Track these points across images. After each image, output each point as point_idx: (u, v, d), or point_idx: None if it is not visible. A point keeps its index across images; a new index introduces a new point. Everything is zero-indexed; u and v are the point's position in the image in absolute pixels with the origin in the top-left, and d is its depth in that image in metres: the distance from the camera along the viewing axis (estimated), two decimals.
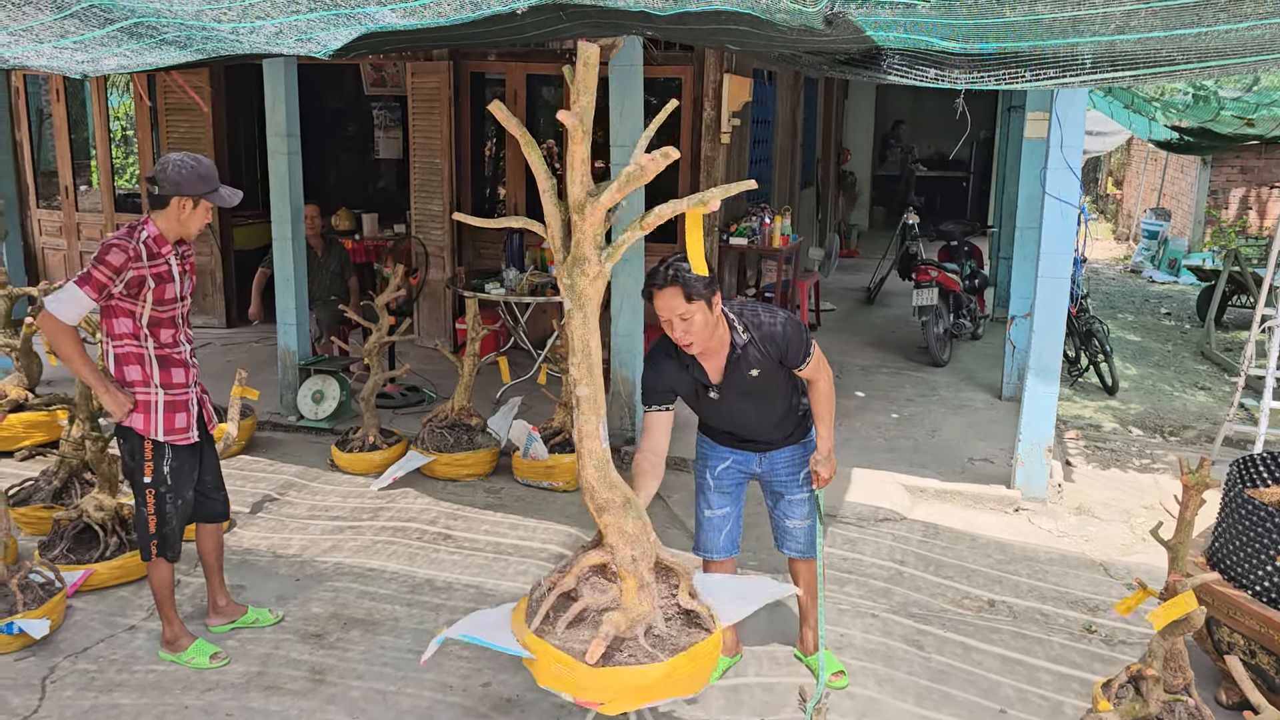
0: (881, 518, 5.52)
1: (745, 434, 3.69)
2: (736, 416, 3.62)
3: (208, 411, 3.92)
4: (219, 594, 4.15)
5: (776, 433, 3.68)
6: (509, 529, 5.24)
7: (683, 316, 3.24)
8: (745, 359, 3.43)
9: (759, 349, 3.43)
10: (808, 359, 3.48)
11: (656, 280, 3.24)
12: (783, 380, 3.55)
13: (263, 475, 5.96)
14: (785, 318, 3.46)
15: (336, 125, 12.53)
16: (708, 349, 3.41)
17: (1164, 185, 15.57)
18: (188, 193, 3.62)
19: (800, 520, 3.77)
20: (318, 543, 5.00)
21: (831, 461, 3.59)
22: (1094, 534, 5.42)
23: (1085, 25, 3.34)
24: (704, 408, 3.63)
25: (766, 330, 3.43)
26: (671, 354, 3.50)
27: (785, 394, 3.62)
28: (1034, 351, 5.59)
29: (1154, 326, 11.03)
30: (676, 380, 3.51)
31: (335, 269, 7.78)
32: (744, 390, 3.51)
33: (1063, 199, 5.39)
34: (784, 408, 3.64)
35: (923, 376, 8.32)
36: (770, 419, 3.64)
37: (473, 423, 6.02)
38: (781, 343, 3.42)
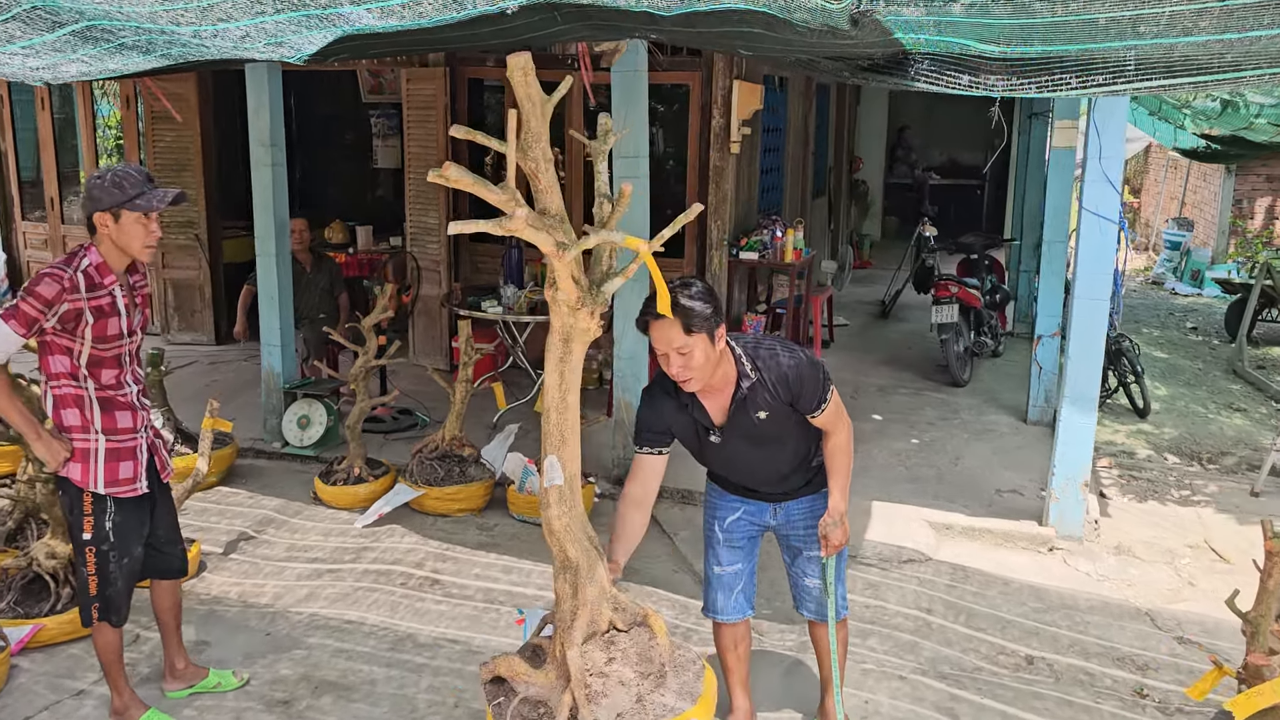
0: (905, 558, 5.10)
1: (753, 484, 3.30)
2: (741, 463, 3.23)
3: (160, 459, 3.53)
4: (176, 656, 3.76)
5: (790, 483, 3.28)
6: (501, 572, 4.84)
7: (680, 350, 2.86)
8: (752, 400, 3.03)
9: (768, 390, 3.03)
10: (823, 405, 3.08)
11: (652, 309, 2.86)
12: (795, 426, 3.14)
13: (240, 509, 5.56)
14: (801, 358, 3.06)
15: (334, 134, 12.20)
16: (709, 387, 3.02)
17: (1185, 194, 15.12)
18: (105, 206, 3.22)
19: (819, 579, 3.37)
20: (293, 590, 4.61)
21: (844, 526, 3.18)
22: (1136, 577, 5.00)
23: (1148, 26, 2.95)
24: (705, 453, 3.24)
25: (778, 370, 3.02)
26: (670, 390, 3.10)
27: (798, 441, 3.21)
28: (1069, 378, 5.17)
29: (1180, 342, 10.59)
30: (674, 420, 3.13)
31: (324, 285, 7.40)
32: (750, 435, 3.11)
33: (1101, 214, 4.98)
34: (795, 457, 3.24)
35: (943, 398, 7.90)
36: (779, 468, 3.24)
37: (465, 453, 5.63)
38: (794, 385, 3.02)
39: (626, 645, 2.83)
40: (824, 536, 3.17)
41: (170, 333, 9.23)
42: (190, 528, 5.24)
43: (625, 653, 2.80)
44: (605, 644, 2.81)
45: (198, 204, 8.97)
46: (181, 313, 9.20)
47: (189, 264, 9.08)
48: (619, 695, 2.69)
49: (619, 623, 2.87)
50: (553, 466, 2.70)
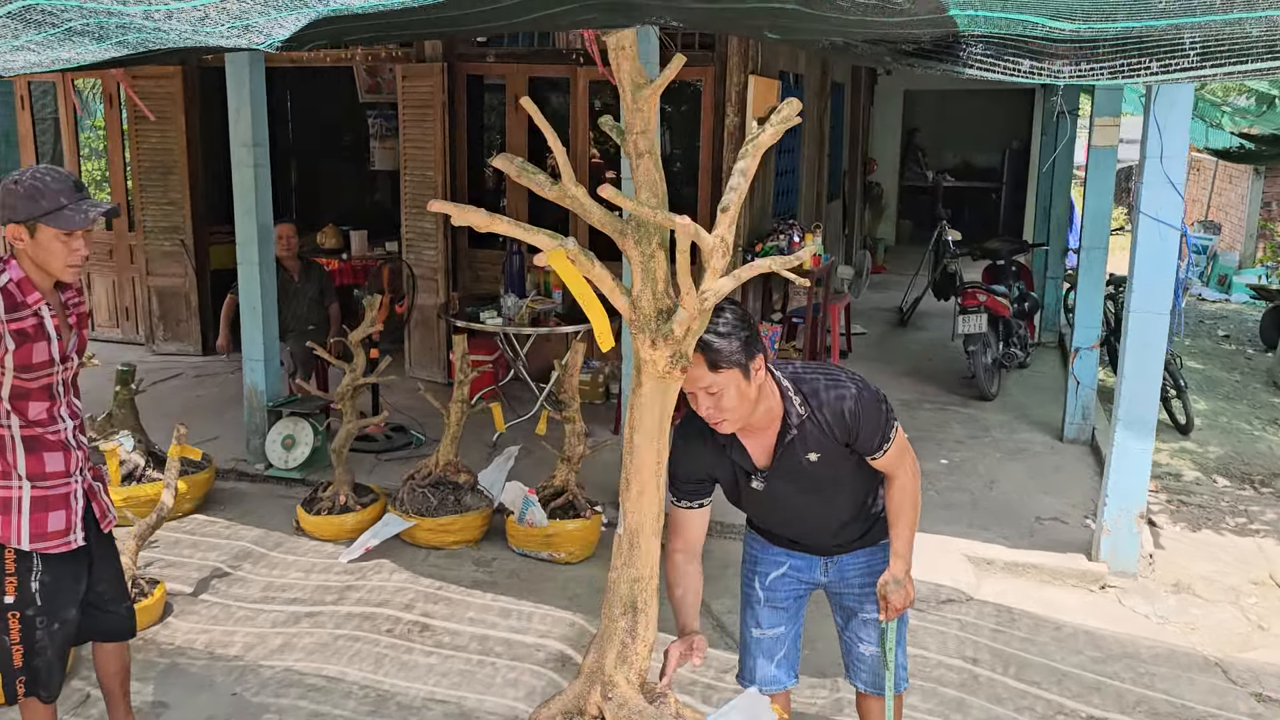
0: (944, 598, 4.63)
1: (803, 535, 2.82)
2: (788, 513, 2.74)
3: (100, 505, 3.05)
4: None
5: (845, 534, 2.79)
6: (499, 616, 4.37)
7: (709, 390, 2.37)
8: (801, 440, 2.54)
9: (820, 427, 2.53)
10: (885, 446, 2.58)
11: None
12: (853, 469, 2.65)
13: (216, 541, 5.10)
14: (858, 388, 2.56)
15: (331, 135, 11.76)
16: (750, 425, 2.53)
17: (1211, 196, 14.64)
18: (19, 218, 2.75)
19: (878, 646, 2.88)
20: (266, 639, 4.14)
21: (908, 586, 2.69)
22: (1200, 620, 4.52)
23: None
24: (746, 501, 2.75)
25: (832, 404, 2.53)
26: (705, 430, 2.60)
27: (855, 485, 2.72)
28: (1124, 400, 4.70)
29: (1214, 351, 10.11)
30: (713, 464, 2.63)
31: (313, 295, 6.95)
32: (799, 480, 2.61)
33: (1162, 220, 4.51)
34: (852, 504, 2.75)
35: (971, 413, 7.43)
36: (834, 518, 2.76)
37: (460, 480, 5.16)
38: (851, 422, 2.53)
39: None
40: (883, 598, 2.69)
41: (155, 343, 8.78)
42: (159, 563, 4.80)
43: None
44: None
45: (183, 208, 8.53)
46: (166, 322, 8.75)
47: (174, 271, 8.63)
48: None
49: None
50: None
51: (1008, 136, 15.98)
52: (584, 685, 2.21)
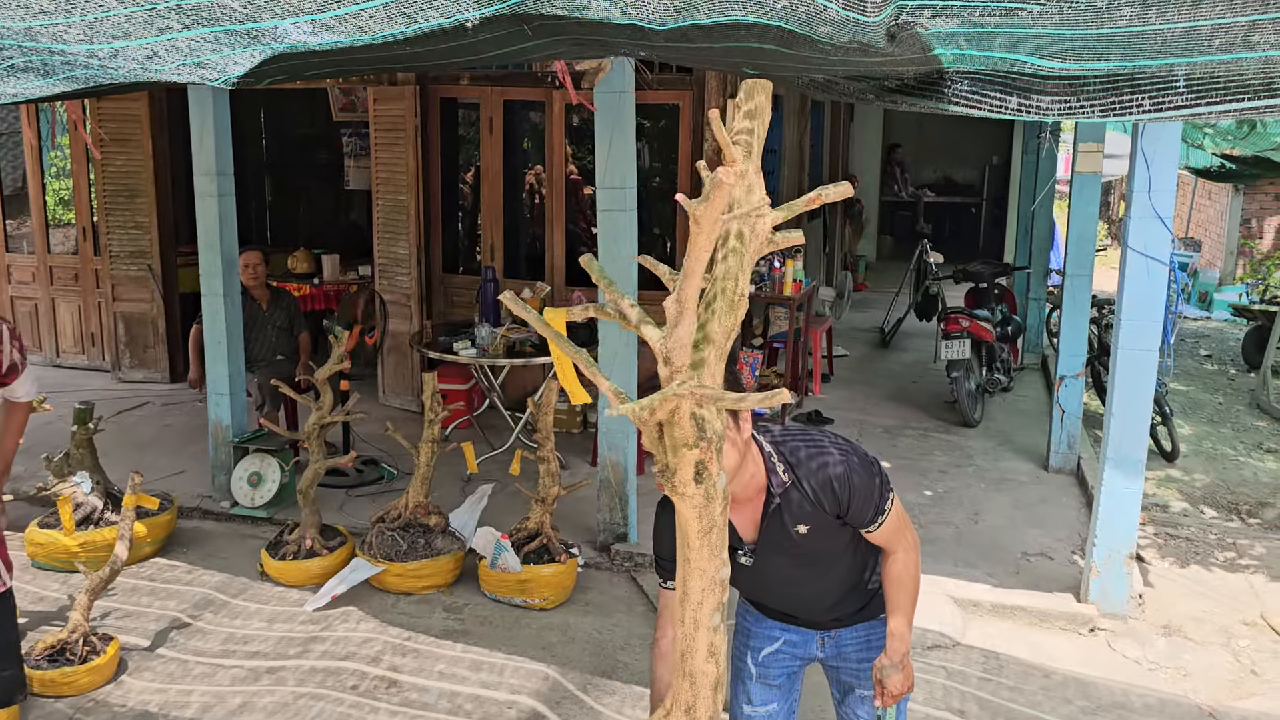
0: (930, 644, 4.50)
1: (797, 611, 2.65)
2: (780, 588, 2.57)
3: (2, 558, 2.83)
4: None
5: (841, 609, 2.62)
6: (469, 670, 4.20)
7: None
8: (788, 510, 2.36)
9: (806, 497, 2.35)
10: (880, 519, 2.40)
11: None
12: (846, 542, 2.48)
13: (176, 588, 4.91)
14: (844, 454, 2.37)
15: (305, 154, 11.56)
16: (734, 494, 2.33)
17: (1191, 213, 14.64)
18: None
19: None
20: (225, 699, 3.95)
21: (906, 670, 2.49)
22: (1191, 664, 4.40)
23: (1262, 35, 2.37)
24: (736, 575, 2.52)
25: (819, 474, 2.34)
26: None
27: (853, 558, 2.54)
28: (1112, 439, 4.58)
29: (1196, 372, 10.04)
30: None
31: (282, 324, 6.76)
32: (789, 553, 2.44)
33: (1150, 255, 4.40)
34: (849, 577, 2.57)
35: (953, 440, 7.31)
36: (829, 594, 2.58)
37: (431, 522, 4.99)
38: (841, 493, 2.34)
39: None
40: (878, 683, 2.51)
41: (121, 370, 8.56)
42: (115, 613, 4.60)
43: None
44: None
45: (150, 232, 8.32)
46: (133, 348, 8.53)
47: (141, 296, 8.42)
48: None
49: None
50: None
51: (988, 152, 15.95)
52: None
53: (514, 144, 8.10)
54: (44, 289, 8.92)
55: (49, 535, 5.02)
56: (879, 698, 2.49)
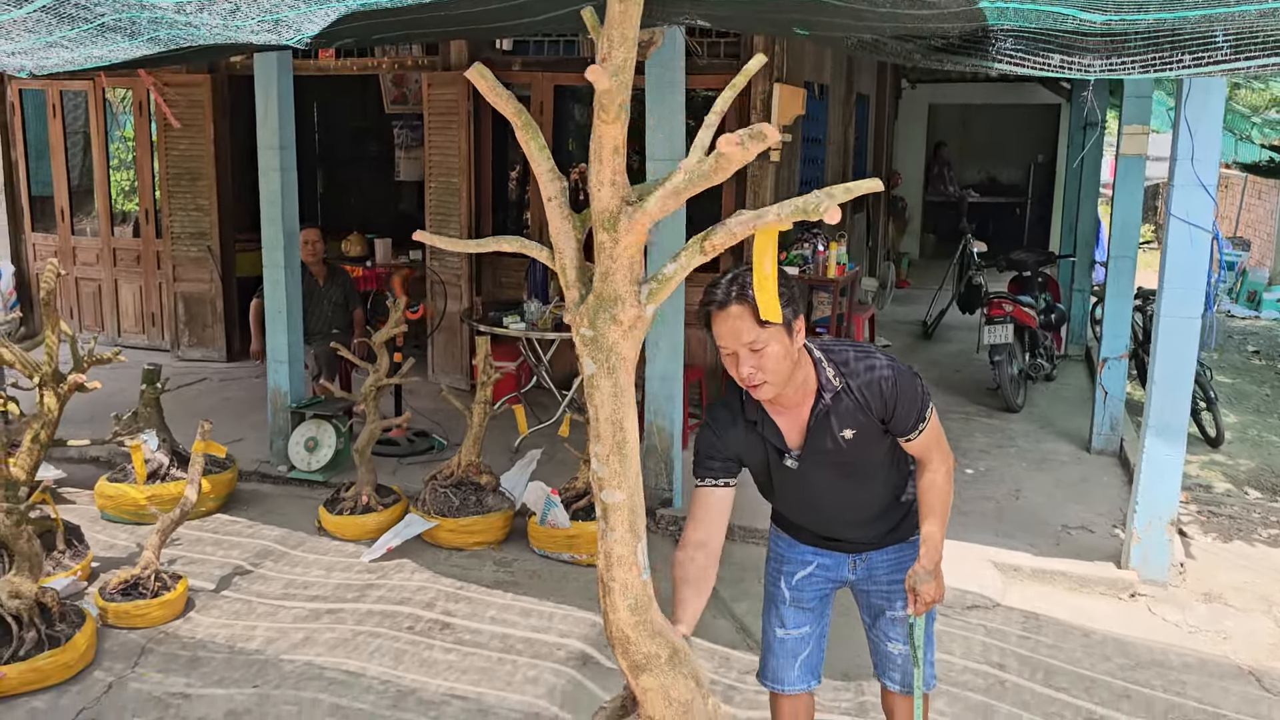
0: (969, 604, 4.57)
1: (833, 528, 2.75)
2: (822, 499, 2.67)
3: None
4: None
5: (876, 527, 2.74)
6: (520, 615, 4.34)
7: (752, 347, 2.32)
8: (836, 414, 2.48)
9: (855, 401, 2.48)
10: (921, 426, 2.53)
11: (717, 296, 2.34)
12: (885, 453, 2.61)
13: (237, 540, 5.11)
14: (893, 362, 2.51)
15: (357, 146, 11.86)
16: (784, 398, 2.47)
17: (1240, 213, 14.50)
18: None
19: (906, 645, 2.83)
20: (288, 634, 4.13)
21: (938, 579, 2.63)
22: (1232, 629, 4.44)
23: None
24: (778, 484, 2.67)
25: (869, 377, 2.47)
26: (736, 409, 2.57)
27: (889, 473, 2.67)
28: (1154, 407, 4.64)
29: (1243, 367, 9.99)
30: (743, 443, 2.57)
31: (338, 299, 6.98)
32: (833, 460, 2.56)
33: (1193, 222, 4.46)
34: (885, 492, 2.70)
35: (995, 424, 7.35)
36: (866, 508, 2.70)
37: (482, 481, 5.15)
38: (889, 396, 2.47)
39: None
40: (912, 590, 2.63)
41: (180, 349, 8.84)
42: (181, 560, 4.80)
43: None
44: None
45: (210, 214, 8.60)
46: (192, 327, 8.81)
47: (200, 276, 8.69)
48: None
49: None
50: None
51: (1033, 150, 15.91)
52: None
53: (563, 133, 8.27)
54: (107, 270, 9.23)
55: (118, 489, 5.24)
56: (911, 606, 2.61)
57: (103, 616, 4.08)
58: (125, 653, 3.92)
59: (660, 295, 1.76)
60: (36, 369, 4.24)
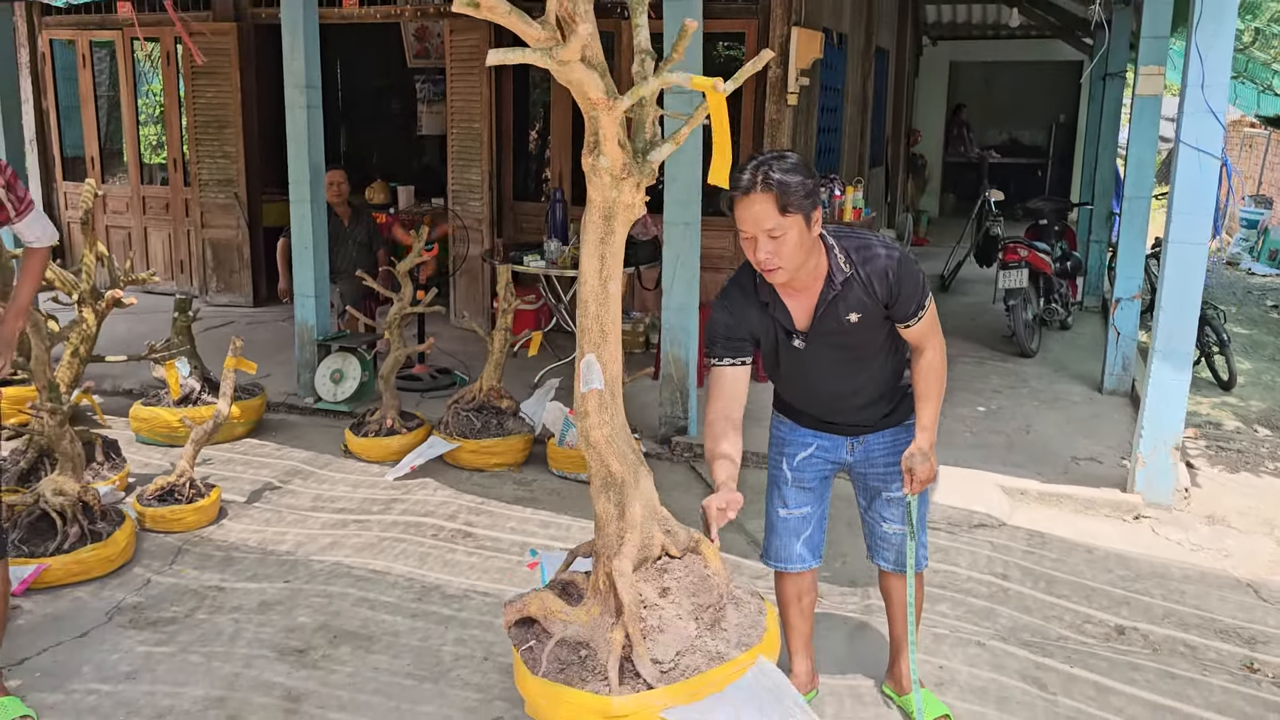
0: (976, 523, 4.69)
1: (833, 410, 2.89)
2: (824, 380, 2.81)
3: None
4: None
5: (874, 410, 2.89)
6: (539, 526, 4.51)
7: (772, 233, 2.46)
8: (845, 299, 2.63)
9: (863, 286, 2.63)
10: (921, 312, 2.69)
11: (742, 183, 2.47)
12: (885, 338, 2.76)
13: (266, 461, 5.29)
14: (899, 253, 2.66)
15: (379, 101, 11.99)
16: (796, 281, 2.61)
17: (1263, 171, 14.42)
18: None
19: (900, 525, 2.97)
20: (316, 538, 4.31)
21: (932, 461, 2.79)
22: (1233, 548, 4.54)
23: None
24: (785, 365, 2.82)
25: (876, 264, 2.62)
26: (749, 290, 2.71)
27: (886, 357, 2.82)
28: (1161, 331, 4.72)
29: (1262, 319, 10.01)
30: (755, 322, 2.72)
31: (362, 240, 7.12)
32: (837, 343, 2.71)
33: (1202, 149, 4.52)
34: (885, 378, 2.85)
35: (1009, 367, 7.44)
36: (867, 390, 2.84)
37: (503, 405, 5.30)
38: (894, 283, 2.62)
39: (680, 574, 2.46)
40: (908, 470, 2.78)
41: (208, 294, 9.03)
42: (214, 477, 4.98)
43: (680, 582, 2.43)
44: (657, 572, 2.45)
45: (237, 162, 8.75)
46: (220, 273, 8.99)
47: (227, 223, 8.87)
48: (676, 630, 2.33)
49: (671, 548, 2.50)
50: (590, 368, 2.34)
51: (1054, 110, 15.84)
52: (647, 532, 2.33)
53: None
54: (137, 218, 9.41)
55: (152, 411, 5.43)
56: (907, 485, 2.77)
57: (140, 521, 4.26)
58: (162, 553, 4.10)
59: (668, 150, 1.94)
60: (75, 287, 4.41)
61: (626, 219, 2.31)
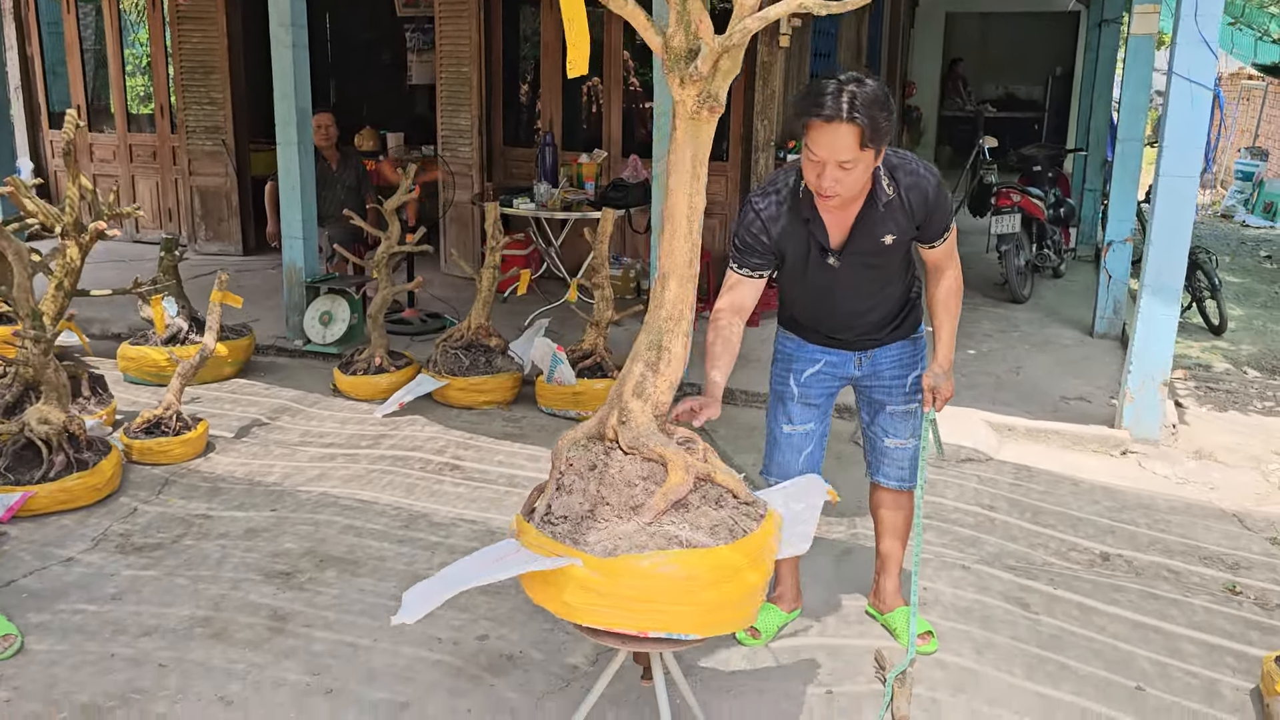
0: (963, 457, 4.70)
1: (845, 326, 2.87)
2: (848, 298, 2.80)
3: None
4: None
5: (887, 325, 2.89)
6: (527, 460, 4.51)
7: (844, 165, 2.40)
8: (883, 219, 2.61)
9: (903, 207, 2.61)
10: (946, 234, 2.72)
11: (825, 108, 2.36)
12: (904, 256, 2.77)
13: (254, 399, 5.28)
14: (936, 175, 2.65)
15: (369, 53, 11.86)
16: (846, 199, 2.57)
17: (1260, 124, 14.34)
18: None
19: (903, 439, 2.98)
20: (303, 470, 4.31)
21: (951, 378, 2.82)
22: (1220, 481, 4.56)
23: None
24: (811, 281, 2.77)
25: (915, 184, 2.60)
26: (789, 201, 2.64)
27: (905, 275, 2.84)
28: (1151, 265, 4.70)
29: (1255, 269, 10.00)
30: (789, 236, 2.66)
31: (351, 183, 7.06)
32: (870, 263, 2.70)
33: (1194, 80, 4.48)
34: (902, 293, 2.87)
35: (1001, 313, 7.43)
36: (885, 306, 2.85)
37: (492, 343, 5.29)
38: (931, 203, 2.62)
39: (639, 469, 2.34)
40: (932, 389, 2.81)
41: (197, 243, 8.97)
42: (201, 413, 4.96)
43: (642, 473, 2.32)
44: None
45: (224, 108, 8.66)
46: (208, 221, 8.93)
47: (215, 171, 8.79)
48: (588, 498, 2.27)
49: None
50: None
51: (1051, 63, 15.72)
52: (606, 411, 2.31)
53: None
54: (124, 166, 9.32)
55: (139, 350, 5.41)
56: (927, 404, 2.79)
57: (127, 453, 4.25)
58: (149, 484, 4.10)
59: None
60: (58, 219, 4.37)
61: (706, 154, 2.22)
